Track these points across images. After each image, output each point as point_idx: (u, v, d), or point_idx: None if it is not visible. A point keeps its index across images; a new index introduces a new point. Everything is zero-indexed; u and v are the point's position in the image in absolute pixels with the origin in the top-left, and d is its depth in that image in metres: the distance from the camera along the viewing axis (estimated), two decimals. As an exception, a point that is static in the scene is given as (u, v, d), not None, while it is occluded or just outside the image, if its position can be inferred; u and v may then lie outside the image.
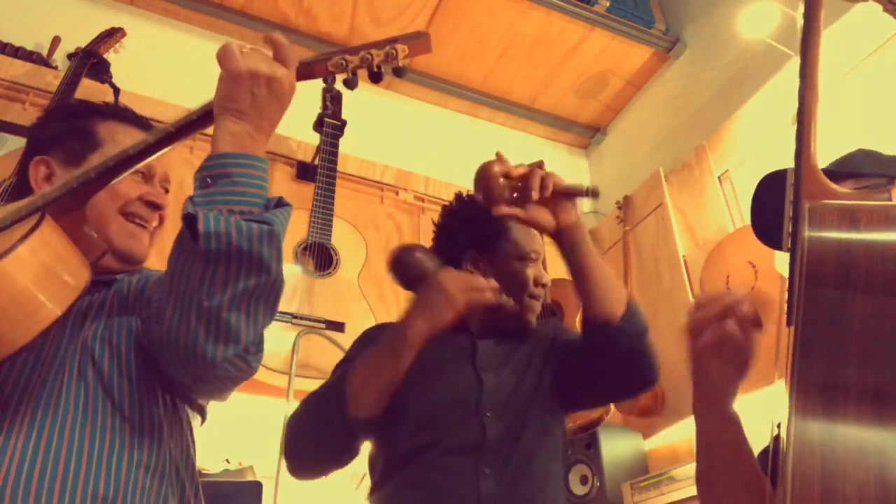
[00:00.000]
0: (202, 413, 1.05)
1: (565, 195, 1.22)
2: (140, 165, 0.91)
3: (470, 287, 1.26)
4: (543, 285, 1.42)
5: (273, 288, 0.83)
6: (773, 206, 0.85)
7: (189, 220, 0.79)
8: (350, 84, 0.95)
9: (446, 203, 1.55)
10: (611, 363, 1.25)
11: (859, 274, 0.66)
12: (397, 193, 2.76)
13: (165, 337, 0.84)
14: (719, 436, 0.87)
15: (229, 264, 0.78)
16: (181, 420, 0.98)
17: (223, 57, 0.86)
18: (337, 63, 0.92)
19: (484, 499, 1.21)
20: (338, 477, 2.07)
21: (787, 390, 0.68)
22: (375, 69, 0.94)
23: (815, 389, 0.66)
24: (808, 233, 0.69)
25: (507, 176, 1.21)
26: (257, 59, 0.86)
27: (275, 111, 0.87)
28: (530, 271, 1.40)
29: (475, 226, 1.43)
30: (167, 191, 1.10)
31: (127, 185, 1.02)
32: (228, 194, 0.81)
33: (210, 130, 0.87)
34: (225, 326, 0.80)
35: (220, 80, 0.86)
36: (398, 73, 0.96)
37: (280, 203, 0.84)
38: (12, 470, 0.79)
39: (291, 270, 2.15)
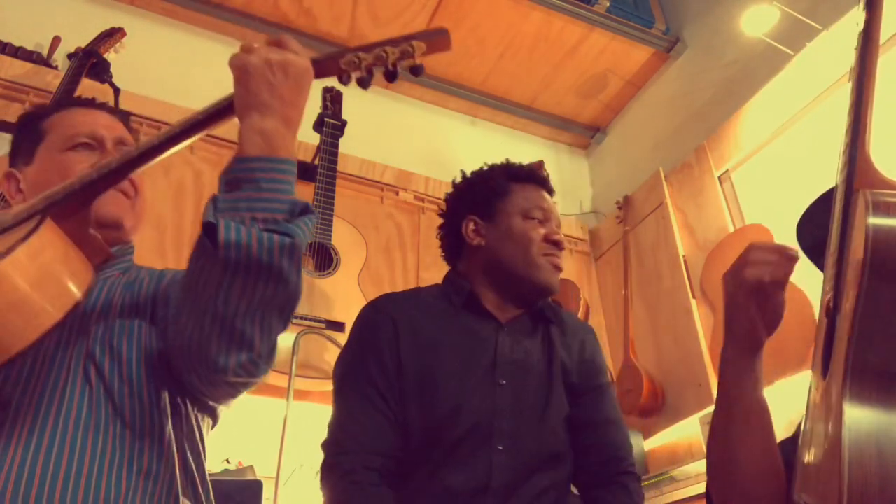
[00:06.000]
0: (213, 416, 1.04)
1: None
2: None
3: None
4: (555, 242, 1.35)
5: (289, 299, 0.81)
6: (823, 226, 0.83)
7: (209, 227, 0.78)
8: (363, 83, 0.90)
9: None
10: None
11: None
12: (397, 193, 2.76)
13: (179, 340, 0.84)
14: (744, 380, 0.87)
15: (248, 275, 0.77)
16: (189, 423, 0.97)
17: (234, 59, 0.84)
18: (350, 61, 0.88)
19: None
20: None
21: (832, 374, 0.67)
22: (391, 67, 0.90)
23: (870, 376, 0.64)
24: (872, 220, 0.65)
25: None
26: (266, 50, 0.84)
27: (297, 96, 0.84)
28: (537, 229, 1.34)
29: (472, 191, 1.41)
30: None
31: (79, 162, 1.01)
32: (253, 201, 0.79)
33: (217, 132, 0.85)
34: (238, 335, 0.79)
35: (235, 80, 0.84)
36: (415, 71, 0.91)
37: (305, 210, 0.82)
38: (13, 473, 0.78)
39: (291, 270, 2.14)
